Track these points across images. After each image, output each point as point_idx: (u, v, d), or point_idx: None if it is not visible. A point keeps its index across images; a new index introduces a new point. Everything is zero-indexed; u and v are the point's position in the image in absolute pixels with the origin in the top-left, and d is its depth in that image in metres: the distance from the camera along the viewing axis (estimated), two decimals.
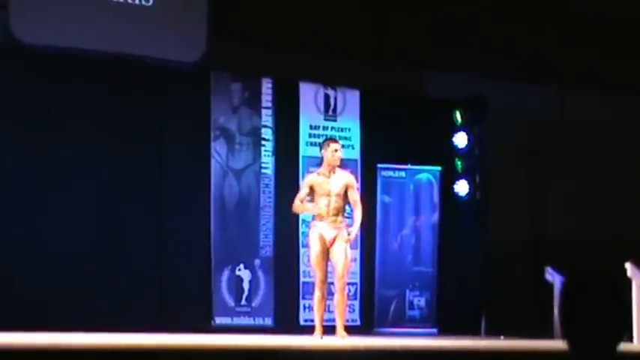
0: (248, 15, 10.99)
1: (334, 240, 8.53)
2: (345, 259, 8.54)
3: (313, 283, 9.00)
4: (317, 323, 8.59)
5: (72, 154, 9.94)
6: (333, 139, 9.00)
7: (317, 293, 8.60)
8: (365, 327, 11.14)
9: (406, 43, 11.92)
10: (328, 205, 8.54)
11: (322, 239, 8.52)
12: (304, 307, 10.72)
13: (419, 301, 11.60)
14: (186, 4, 10.67)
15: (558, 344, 2.99)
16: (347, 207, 8.73)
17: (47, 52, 9.96)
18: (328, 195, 8.56)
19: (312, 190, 8.64)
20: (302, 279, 10.77)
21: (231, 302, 10.56)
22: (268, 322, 10.56)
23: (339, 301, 8.61)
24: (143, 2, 10.47)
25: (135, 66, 10.32)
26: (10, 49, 9.90)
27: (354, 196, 8.69)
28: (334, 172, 8.64)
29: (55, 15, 10.07)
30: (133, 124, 10.28)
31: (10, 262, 9.56)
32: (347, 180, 8.68)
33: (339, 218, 8.61)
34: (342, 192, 8.61)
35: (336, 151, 8.65)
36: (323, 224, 8.56)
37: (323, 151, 8.78)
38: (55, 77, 9.95)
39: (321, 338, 8.40)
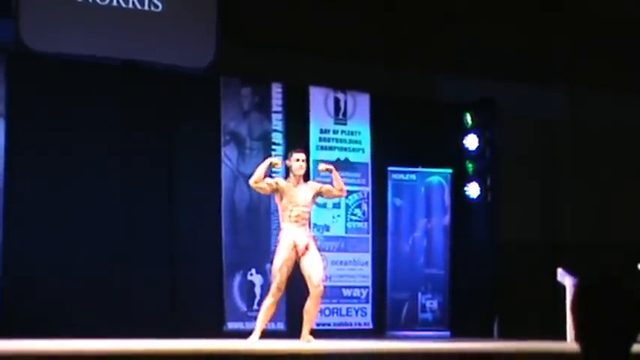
0: (257, 20, 11.01)
1: (306, 249, 8.38)
2: (320, 267, 8.43)
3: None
4: (258, 326, 8.38)
5: (82, 160, 9.97)
6: (296, 149, 8.74)
7: (270, 299, 8.39)
8: (377, 330, 11.14)
9: (416, 46, 11.92)
10: (298, 216, 8.41)
11: (294, 246, 8.35)
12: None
13: (431, 303, 11.59)
14: (195, 10, 10.69)
15: (571, 346, 2.98)
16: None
17: (57, 60, 9.99)
18: (296, 205, 8.42)
19: (279, 194, 8.48)
20: None
21: (243, 307, 10.56)
22: (280, 326, 10.55)
23: (311, 307, 8.40)
24: (153, 8, 10.50)
25: (145, 72, 10.34)
26: (20, 57, 9.93)
27: (328, 188, 8.59)
28: (301, 183, 8.52)
29: (65, 22, 10.09)
30: (144, 130, 10.31)
31: (22, 270, 9.58)
32: (315, 188, 8.55)
33: (308, 228, 8.53)
34: (310, 203, 8.51)
35: (297, 160, 8.50)
36: (294, 230, 8.41)
37: (287, 161, 8.65)
38: (65, 84, 9.98)
39: (257, 341, 8.20)
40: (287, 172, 8.82)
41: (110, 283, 9.92)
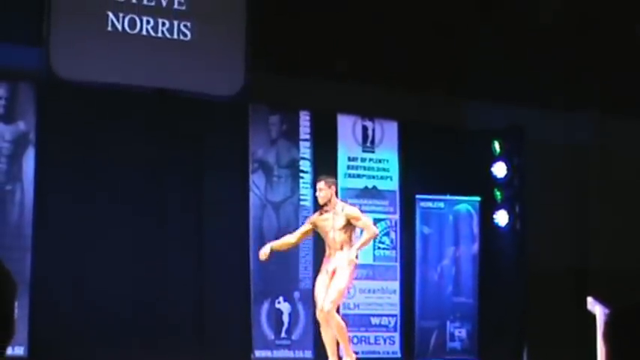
0: (286, 47, 11.04)
1: (333, 272, 8.46)
2: (333, 291, 8.38)
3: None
4: (328, 353, 8.44)
5: (111, 187, 10.01)
6: (318, 179, 8.88)
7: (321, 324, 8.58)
8: (405, 359, 11.06)
9: (444, 73, 11.91)
10: (334, 240, 8.50)
11: (326, 271, 8.53)
12: None
13: (460, 332, 11.51)
14: (224, 38, 10.74)
15: None
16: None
17: (86, 88, 10.05)
18: (326, 234, 8.55)
19: (318, 228, 8.65)
20: (342, 311, 10.71)
21: (270, 335, 10.53)
22: (308, 354, 10.52)
23: (329, 333, 8.46)
24: (182, 37, 10.56)
25: (174, 100, 10.39)
26: (50, 85, 10.00)
27: (361, 224, 8.59)
28: (333, 209, 8.56)
29: (95, 51, 10.16)
30: (172, 157, 10.34)
31: (51, 296, 9.61)
32: (347, 213, 8.57)
33: (342, 252, 8.51)
34: (341, 228, 8.50)
35: (316, 191, 8.71)
36: (327, 256, 8.58)
37: None
38: (95, 112, 10.03)
39: None
40: (316, 202, 8.87)
41: (138, 310, 9.93)
